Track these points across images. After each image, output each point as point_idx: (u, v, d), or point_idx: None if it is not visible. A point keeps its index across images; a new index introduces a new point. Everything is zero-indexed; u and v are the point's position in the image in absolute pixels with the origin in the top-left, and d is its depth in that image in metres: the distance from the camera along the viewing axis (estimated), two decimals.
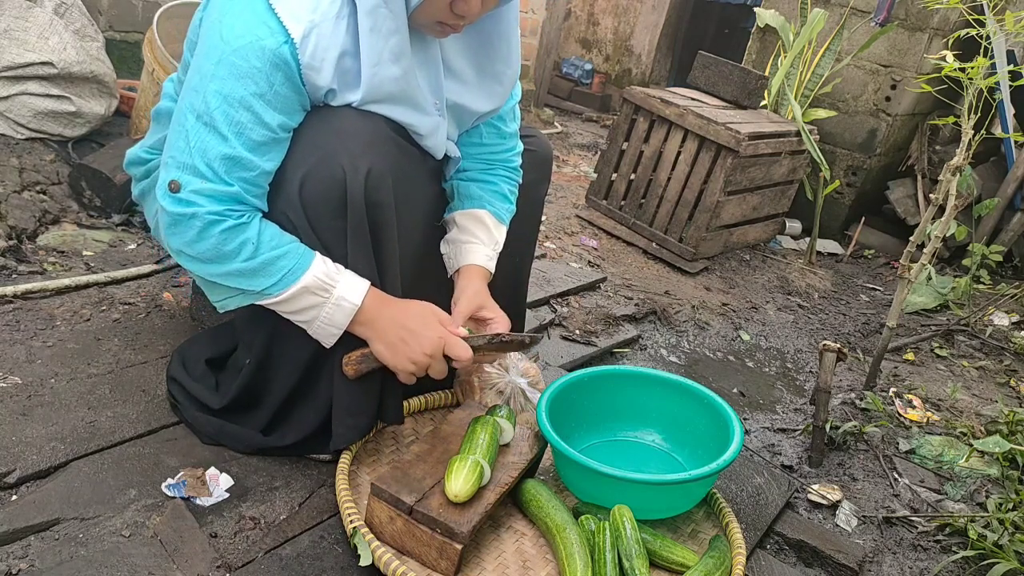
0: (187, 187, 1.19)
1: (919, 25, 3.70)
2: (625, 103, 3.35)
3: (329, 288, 1.26)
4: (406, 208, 1.37)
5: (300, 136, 1.25)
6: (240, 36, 1.14)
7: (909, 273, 2.22)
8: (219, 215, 1.20)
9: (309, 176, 1.24)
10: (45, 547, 1.14)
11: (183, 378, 1.48)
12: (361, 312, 1.28)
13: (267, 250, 1.23)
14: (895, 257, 3.84)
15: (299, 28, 1.15)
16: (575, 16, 6.41)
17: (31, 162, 2.33)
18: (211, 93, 1.16)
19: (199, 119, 1.18)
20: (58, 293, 1.77)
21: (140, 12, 3.35)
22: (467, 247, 1.53)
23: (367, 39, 1.19)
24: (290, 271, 1.24)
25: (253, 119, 1.18)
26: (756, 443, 2.03)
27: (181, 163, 1.20)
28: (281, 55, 1.15)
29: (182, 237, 1.22)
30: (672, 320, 2.62)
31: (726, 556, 1.33)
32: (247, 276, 1.24)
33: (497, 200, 1.56)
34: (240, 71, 1.15)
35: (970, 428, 2.20)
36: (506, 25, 1.39)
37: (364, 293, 1.28)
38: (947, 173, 2.14)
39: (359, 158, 1.23)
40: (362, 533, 1.22)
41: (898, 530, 1.74)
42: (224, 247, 1.21)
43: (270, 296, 1.26)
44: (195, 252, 1.22)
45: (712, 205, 3.12)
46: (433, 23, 1.24)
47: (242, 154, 1.18)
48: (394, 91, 1.26)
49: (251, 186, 1.22)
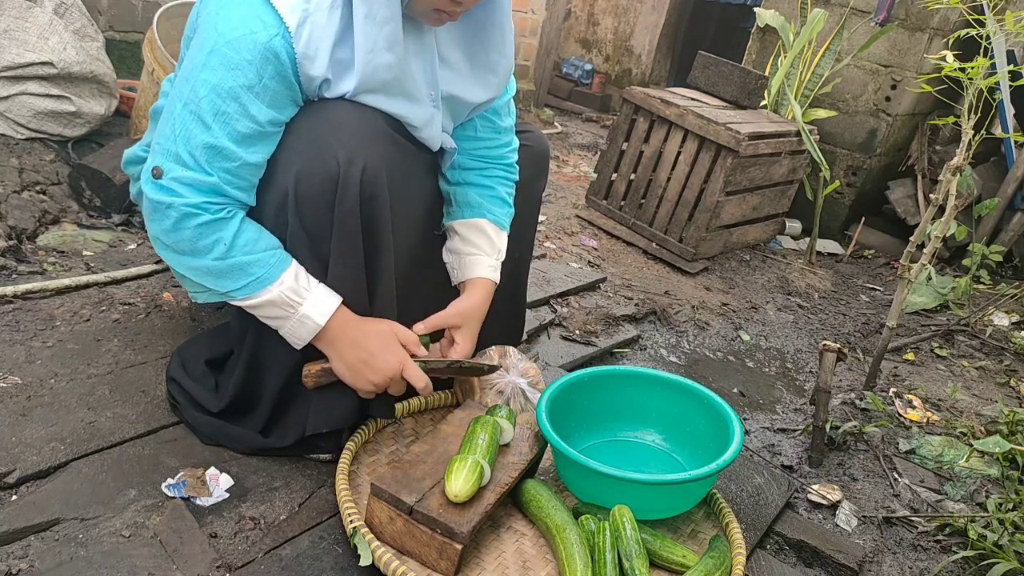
0: (168, 174, 1.20)
1: (919, 25, 3.70)
2: (625, 103, 3.35)
3: (294, 304, 1.26)
4: (402, 204, 1.37)
5: (294, 130, 1.26)
6: (234, 28, 1.15)
7: (909, 273, 2.22)
8: (197, 207, 1.20)
9: (303, 172, 1.24)
10: (45, 547, 1.14)
11: (183, 379, 1.48)
12: (324, 331, 1.29)
13: (239, 253, 1.23)
14: (895, 257, 3.84)
15: (294, 17, 1.16)
16: (575, 16, 6.41)
17: (31, 162, 2.33)
18: (200, 82, 1.18)
19: (186, 107, 1.19)
20: (58, 293, 1.77)
21: (140, 12, 3.35)
22: (471, 259, 1.54)
23: (361, 26, 1.19)
24: (257, 279, 1.24)
25: (240, 110, 1.18)
26: (756, 443, 2.03)
27: (165, 150, 1.21)
28: (273, 48, 1.16)
29: (159, 224, 1.23)
30: (672, 320, 2.62)
31: (726, 556, 1.33)
32: (215, 275, 1.25)
33: (496, 206, 1.56)
34: (231, 62, 1.16)
35: (970, 428, 2.20)
36: (500, 14, 1.39)
37: (329, 315, 1.29)
38: (947, 173, 2.14)
39: (354, 153, 1.24)
40: (362, 533, 1.22)
41: (898, 530, 1.74)
42: (198, 242, 1.22)
43: (234, 299, 1.27)
44: (170, 241, 1.24)
45: (712, 205, 3.12)
46: (430, 11, 1.24)
47: (225, 144, 1.19)
48: (388, 79, 1.26)
49: (233, 177, 1.22)
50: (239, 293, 1.26)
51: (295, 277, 1.27)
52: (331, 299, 1.29)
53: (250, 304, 1.27)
